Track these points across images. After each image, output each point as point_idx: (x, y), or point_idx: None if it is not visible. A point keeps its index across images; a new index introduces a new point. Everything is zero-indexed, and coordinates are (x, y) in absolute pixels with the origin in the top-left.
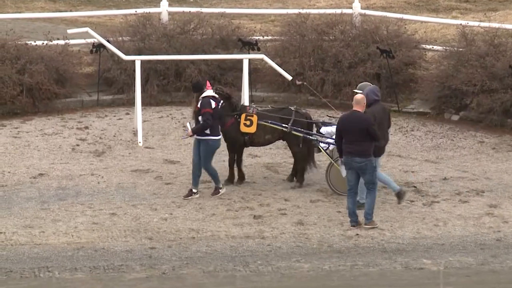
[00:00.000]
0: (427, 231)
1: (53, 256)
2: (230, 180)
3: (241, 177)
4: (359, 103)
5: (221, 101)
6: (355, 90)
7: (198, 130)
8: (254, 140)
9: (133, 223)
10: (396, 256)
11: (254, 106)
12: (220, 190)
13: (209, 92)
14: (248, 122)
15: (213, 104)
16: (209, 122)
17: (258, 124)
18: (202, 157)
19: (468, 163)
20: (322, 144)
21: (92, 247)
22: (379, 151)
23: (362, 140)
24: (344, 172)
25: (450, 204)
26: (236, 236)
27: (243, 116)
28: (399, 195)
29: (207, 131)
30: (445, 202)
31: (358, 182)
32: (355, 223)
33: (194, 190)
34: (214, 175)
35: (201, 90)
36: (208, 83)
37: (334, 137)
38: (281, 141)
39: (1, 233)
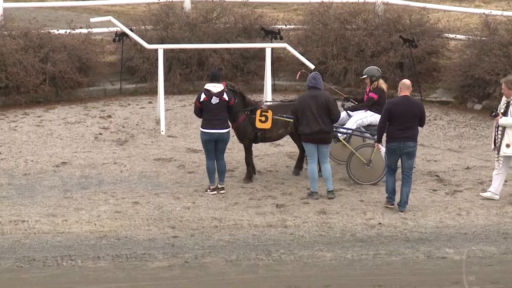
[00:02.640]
0: (450, 220)
1: (76, 244)
2: (248, 178)
3: (253, 171)
4: (408, 87)
5: (215, 97)
6: (362, 77)
7: None
8: (266, 136)
9: (156, 211)
10: (418, 245)
11: (264, 101)
12: (208, 190)
13: (208, 85)
14: (263, 118)
15: (202, 97)
16: (195, 112)
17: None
18: None
19: (490, 152)
20: (339, 134)
21: (114, 236)
22: (309, 139)
23: (415, 125)
24: (383, 154)
25: (473, 193)
26: (259, 225)
27: (258, 112)
28: (310, 194)
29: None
30: (468, 191)
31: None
32: (393, 201)
33: (218, 186)
34: (208, 170)
35: (210, 80)
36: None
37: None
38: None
39: (24, 221)
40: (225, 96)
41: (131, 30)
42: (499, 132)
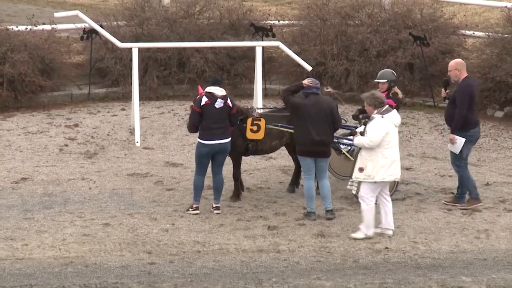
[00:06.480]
0: (467, 244)
1: (37, 272)
2: (236, 196)
3: (241, 188)
4: (465, 66)
5: (220, 100)
6: (377, 80)
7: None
8: (259, 147)
9: (130, 234)
10: (431, 272)
11: (256, 108)
12: (190, 210)
13: (210, 88)
14: (255, 128)
15: (204, 101)
16: (189, 120)
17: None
18: None
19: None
20: (343, 146)
21: (82, 262)
22: (306, 151)
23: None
24: (460, 146)
25: (493, 213)
26: (248, 250)
27: (249, 120)
28: (307, 215)
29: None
30: (488, 211)
31: None
32: (478, 195)
33: (213, 205)
34: (196, 187)
35: (212, 84)
36: (199, 88)
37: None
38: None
39: None
40: (229, 102)
41: (101, 26)
42: None
